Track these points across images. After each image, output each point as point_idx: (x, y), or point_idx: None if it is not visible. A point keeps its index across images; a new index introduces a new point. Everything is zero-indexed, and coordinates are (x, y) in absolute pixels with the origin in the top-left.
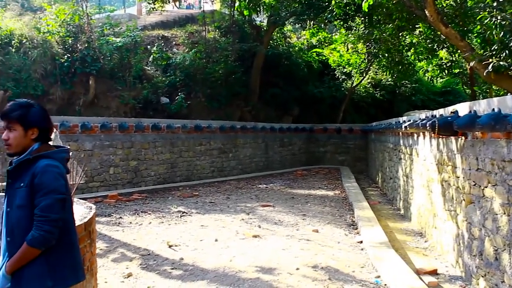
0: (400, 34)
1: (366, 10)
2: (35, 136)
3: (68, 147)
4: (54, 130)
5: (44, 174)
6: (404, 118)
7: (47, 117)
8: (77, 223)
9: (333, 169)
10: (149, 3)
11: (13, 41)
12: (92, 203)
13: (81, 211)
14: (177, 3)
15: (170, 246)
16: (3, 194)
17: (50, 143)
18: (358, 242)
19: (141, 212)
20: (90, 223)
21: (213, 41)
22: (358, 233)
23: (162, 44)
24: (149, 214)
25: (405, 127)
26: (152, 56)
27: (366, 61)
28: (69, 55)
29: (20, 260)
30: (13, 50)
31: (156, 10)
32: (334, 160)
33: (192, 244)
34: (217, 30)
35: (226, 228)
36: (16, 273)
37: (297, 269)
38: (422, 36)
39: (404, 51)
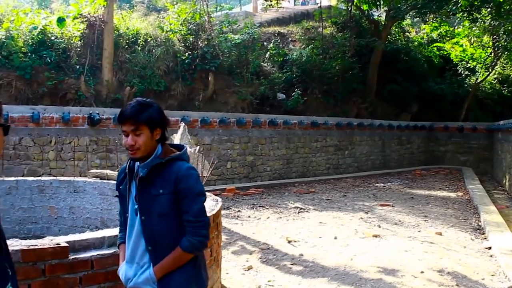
0: None
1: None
2: (158, 137)
3: (186, 145)
4: (183, 124)
5: (189, 178)
6: None
7: (165, 115)
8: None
9: (454, 169)
10: (266, 0)
11: (139, 40)
12: None
13: (208, 203)
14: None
15: (289, 242)
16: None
17: (177, 137)
18: (486, 248)
19: (259, 206)
20: (217, 215)
21: (330, 37)
22: (485, 238)
23: (279, 41)
24: (267, 209)
25: None
26: (268, 52)
27: (493, 55)
28: (189, 53)
29: (172, 266)
30: (139, 48)
31: (273, 7)
32: (455, 160)
33: (311, 241)
34: (333, 26)
35: (345, 226)
36: (165, 278)
37: (422, 272)
38: None
39: None
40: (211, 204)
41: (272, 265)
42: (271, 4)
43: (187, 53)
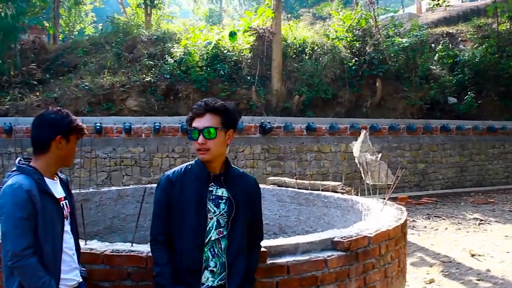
0: None
1: None
2: None
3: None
4: (364, 131)
5: None
6: None
7: None
8: (394, 224)
9: None
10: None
11: (306, 49)
12: None
13: (393, 212)
14: None
15: (472, 255)
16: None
17: (357, 145)
18: None
19: (434, 216)
20: (405, 224)
21: (507, 34)
22: None
23: (447, 41)
24: (443, 219)
25: None
26: (437, 54)
27: None
28: (356, 59)
29: None
30: (306, 57)
31: (440, 5)
32: None
33: (497, 256)
34: (510, 21)
35: None
36: None
37: None
38: None
39: None
40: (396, 213)
41: (456, 279)
42: (438, 3)
43: (353, 60)
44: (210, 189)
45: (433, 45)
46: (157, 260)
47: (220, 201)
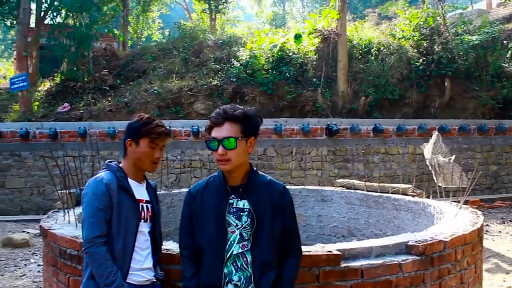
0: None
1: None
2: None
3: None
4: (436, 133)
5: None
6: None
7: None
8: (470, 228)
9: None
10: None
11: (372, 49)
12: None
13: (469, 216)
14: None
15: None
16: None
17: (429, 146)
18: None
19: (509, 221)
20: (481, 229)
21: None
22: None
23: None
24: None
25: None
26: (510, 51)
27: None
28: (423, 58)
29: None
30: (372, 57)
31: None
32: None
33: None
34: None
35: None
36: None
37: None
38: None
39: None
40: (472, 217)
41: None
42: None
43: (421, 59)
44: (231, 201)
45: (505, 41)
46: (183, 273)
47: (241, 213)
